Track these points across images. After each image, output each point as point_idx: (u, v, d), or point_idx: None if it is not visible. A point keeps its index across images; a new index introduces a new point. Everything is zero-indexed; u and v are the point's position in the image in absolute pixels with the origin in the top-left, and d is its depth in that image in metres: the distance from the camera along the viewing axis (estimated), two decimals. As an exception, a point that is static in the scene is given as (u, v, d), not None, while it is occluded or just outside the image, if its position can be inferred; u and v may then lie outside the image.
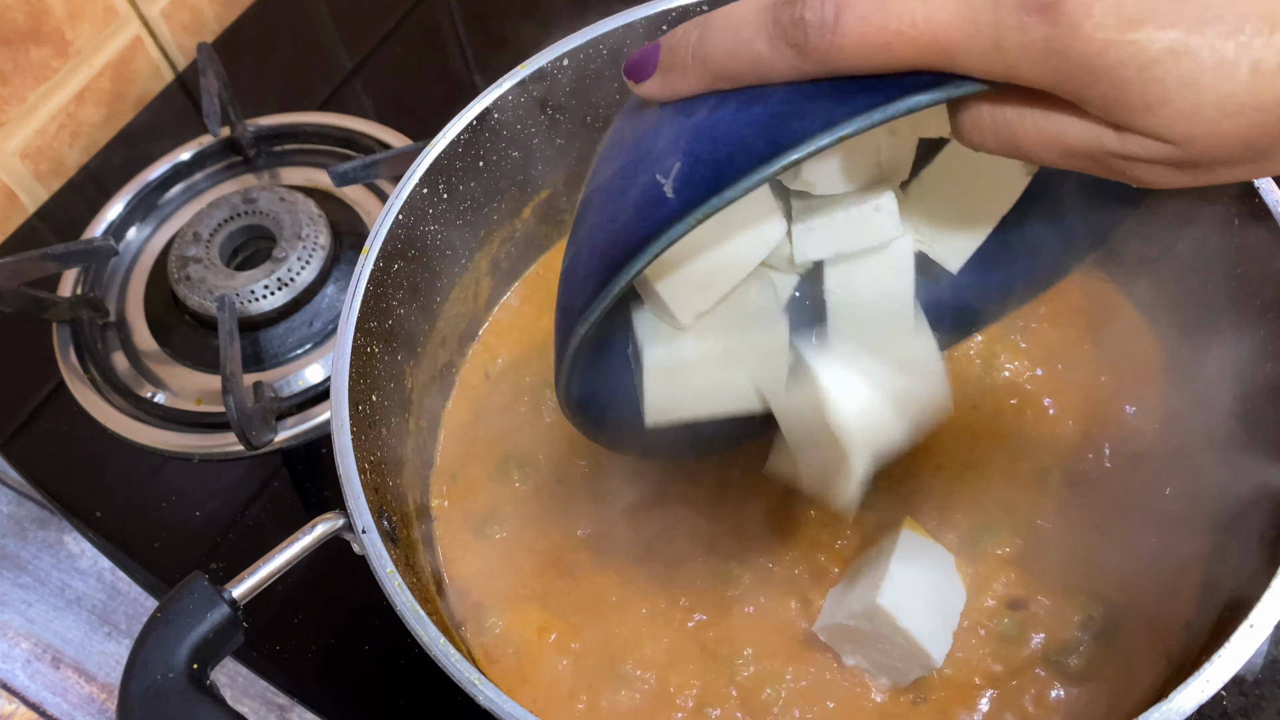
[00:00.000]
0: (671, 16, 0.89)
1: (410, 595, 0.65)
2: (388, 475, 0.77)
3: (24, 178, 1.20)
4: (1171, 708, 0.58)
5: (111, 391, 1.02)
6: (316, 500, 0.97)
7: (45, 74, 1.18)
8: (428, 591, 0.74)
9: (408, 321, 0.85)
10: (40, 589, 0.99)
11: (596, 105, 0.93)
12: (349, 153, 1.18)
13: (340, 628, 0.88)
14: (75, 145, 1.25)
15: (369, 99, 1.26)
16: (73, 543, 1.01)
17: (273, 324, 1.03)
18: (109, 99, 1.27)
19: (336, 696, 0.86)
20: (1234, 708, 0.78)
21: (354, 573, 0.69)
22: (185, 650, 0.61)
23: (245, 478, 0.97)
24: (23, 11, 1.14)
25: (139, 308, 1.09)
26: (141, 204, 1.17)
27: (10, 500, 1.05)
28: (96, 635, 0.96)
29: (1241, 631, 0.59)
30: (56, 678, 0.94)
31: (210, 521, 0.95)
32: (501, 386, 0.92)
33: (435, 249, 0.87)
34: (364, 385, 0.75)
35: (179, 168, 1.19)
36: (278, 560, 0.65)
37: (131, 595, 0.97)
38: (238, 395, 0.89)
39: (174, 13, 1.31)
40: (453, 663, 0.62)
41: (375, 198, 1.13)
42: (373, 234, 0.79)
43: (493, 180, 0.90)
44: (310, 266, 1.03)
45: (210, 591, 0.63)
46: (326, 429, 0.97)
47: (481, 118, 0.86)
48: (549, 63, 0.88)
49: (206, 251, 1.04)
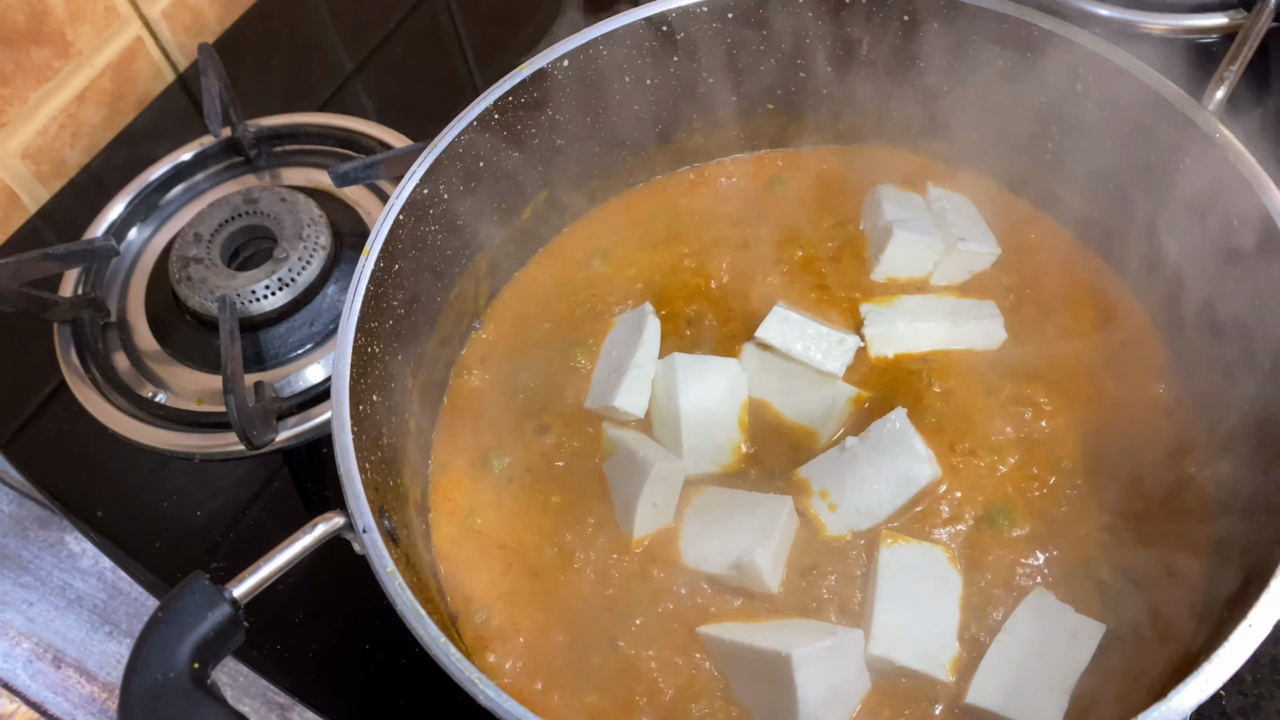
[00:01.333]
0: (671, 16, 0.90)
1: (410, 595, 0.65)
2: (388, 475, 0.77)
3: (25, 178, 1.21)
4: (1171, 707, 0.58)
5: (113, 391, 1.02)
6: (317, 500, 0.97)
7: (46, 74, 1.19)
8: (428, 591, 0.74)
9: (408, 321, 0.85)
10: (41, 588, 0.99)
11: (596, 106, 0.93)
12: (350, 153, 1.18)
13: (340, 627, 0.88)
14: (76, 145, 1.25)
15: (369, 99, 1.26)
16: (74, 542, 1.01)
17: (273, 324, 1.03)
18: (110, 99, 1.27)
19: (337, 695, 0.86)
20: (1234, 707, 0.78)
21: (354, 572, 0.69)
22: (186, 650, 0.61)
23: (246, 477, 0.98)
24: (24, 12, 1.14)
25: (140, 308, 1.09)
26: (142, 204, 1.17)
27: (11, 500, 1.05)
28: (98, 635, 0.96)
29: (1241, 631, 0.59)
30: (58, 677, 0.94)
31: (211, 521, 0.95)
32: (501, 386, 0.92)
33: (435, 249, 0.87)
34: (364, 385, 0.75)
35: (180, 168, 1.19)
36: (279, 560, 0.66)
37: (132, 595, 0.97)
38: (239, 395, 0.89)
39: (175, 13, 1.31)
40: (453, 662, 0.62)
41: (376, 198, 1.14)
42: (373, 234, 0.79)
43: (493, 180, 0.90)
44: (311, 267, 1.03)
45: (211, 591, 0.63)
46: (327, 429, 0.97)
47: (481, 118, 0.86)
48: (549, 63, 0.88)
49: (207, 252, 1.04)
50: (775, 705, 0.70)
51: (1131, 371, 0.85)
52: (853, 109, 0.98)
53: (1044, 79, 0.86)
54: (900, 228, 0.89)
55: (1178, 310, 0.84)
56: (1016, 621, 0.73)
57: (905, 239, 0.89)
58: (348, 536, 0.68)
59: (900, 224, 0.89)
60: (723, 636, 0.73)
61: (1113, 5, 1.15)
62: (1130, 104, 0.81)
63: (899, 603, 0.73)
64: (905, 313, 0.88)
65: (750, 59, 0.94)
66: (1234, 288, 0.77)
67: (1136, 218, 0.85)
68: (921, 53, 0.91)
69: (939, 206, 0.93)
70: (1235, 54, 0.85)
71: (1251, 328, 0.75)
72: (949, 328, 0.87)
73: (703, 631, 0.75)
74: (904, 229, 0.89)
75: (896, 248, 0.89)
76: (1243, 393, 0.76)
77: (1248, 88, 1.07)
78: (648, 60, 0.92)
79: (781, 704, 0.69)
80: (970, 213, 0.94)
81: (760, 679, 0.71)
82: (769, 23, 0.92)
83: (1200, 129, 0.76)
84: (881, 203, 0.92)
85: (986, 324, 0.87)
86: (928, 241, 0.89)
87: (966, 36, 0.87)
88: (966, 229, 0.91)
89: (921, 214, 0.92)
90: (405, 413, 0.84)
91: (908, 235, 0.89)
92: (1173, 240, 0.82)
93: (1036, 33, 0.84)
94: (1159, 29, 1.13)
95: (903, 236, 0.89)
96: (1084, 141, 0.87)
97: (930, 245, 0.90)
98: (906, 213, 0.91)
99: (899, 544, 0.76)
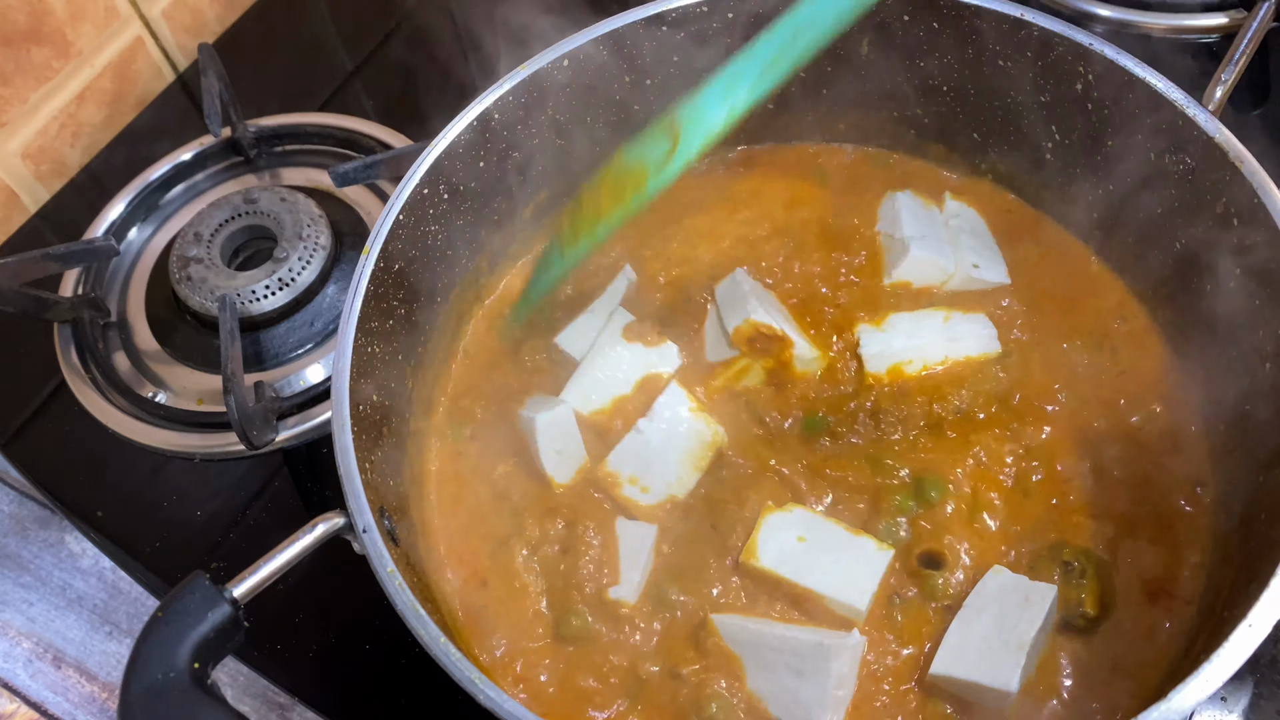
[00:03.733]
0: (671, 16, 0.90)
1: (410, 595, 0.65)
2: (388, 474, 0.77)
3: (25, 178, 1.21)
4: (1171, 707, 0.58)
5: (113, 391, 1.02)
6: (317, 500, 0.97)
7: (47, 74, 1.19)
8: (428, 591, 0.74)
9: (408, 321, 0.85)
10: (42, 588, 0.99)
11: (596, 105, 0.93)
12: (350, 153, 1.18)
13: (340, 627, 0.88)
14: (76, 145, 1.25)
15: (369, 100, 1.26)
16: (74, 542, 1.01)
17: (274, 324, 1.03)
18: (110, 99, 1.27)
19: (337, 695, 0.86)
20: (1234, 707, 0.78)
21: (354, 572, 0.69)
22: (186, 649, 0.61)
23: (246, 477, 0.98)
24: (24, 12, 1.14)
25: (140, 308, 1.09)
26: (143, 204, 1.17)
27: (12, 500, 1.05)
28: (98, 634, 0.96)
29: (1240, 631, 0.59)
30: (58, 677, 0.94)
31: (211, 521, 0.95)
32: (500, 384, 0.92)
33: (435, 249, 0.87)
34: (365, 385, 0.75)
35: (180, 168, 1.19)
36: (279, 559, 0.66)
37: (133, 595, 0.97)
38: (239, 395, 0.89)
39: (175, 13, 1.31)
40: (453, 662, 0.62)
41: (376, 198, 1.14)
42: (373, 234, 0.79)
43: (493, 180, 0.90)
44: (311, 267, 1.03)
45: (211, 591, 0.63)
46: (327, 429, 0.97)
47: (481, 118, 0.86)
48: (549, 63, 0.88)
49: (208, 252, 1.04)
50: (800, 692, 0.72)
51: (1133, 376, 0.85)
52: (853, 109, 0.98)
53: (1043, 79, 0.86)
54: (917, 245, 0.90)
55: (1178, 312, 0.84)
56: (975, 597, 0.75)
57: (920, 257, 0.90)
58: (347, 536, 0.68)
59: (917, 241, 0.90)
60: (747, 625, 0.75)
61: (1113, 5, 1.15)
62: (1131, 104, 0.81)
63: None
64: (900, 332, 0.88)
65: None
66: (1234, 287, 0.77)
67: (1137, 219, 0.85)
68: (920, 51, 0.91)
69: (955, 224, 0.94)
70: (1235, 54, 0.85)
71: (1250, 328, 0.75)
72: (944, 341, 0.87)
73: (718, 619, 0.76)
74: (920, 247, 0.90)
75: (911, 264, 0.91)
76: (1243, 393, 0.76)
77: (1248, 88, 1.07)
78: (648, 60, 0.92)
79: (808, 691, 0.72)
80: (983, 234, 0.94)
81: (784, 668, 0.73)
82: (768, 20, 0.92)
83: (1200, 129, 0.76)
84: (900, 213, 0.93)
85: (980, 333, 0.88)
86: (941, 264, 0.91)
87: (967, 36, 0.88)
88: (980, 253, 0.92)
89: (938, 230, 0.93)
90: (406, 412, 0.84)
91: (923, 254, 0.90)
92: (1173, 240, 0.82)
93: (1036, 32, 0.84)
94: (1159, 29, 1.13)
95: (918, 254, 0.90)
96: (1083, 141, 0.87)
97: (943, 267, 0.91)
98: (924, 228, 0.92)
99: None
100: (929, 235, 0.92)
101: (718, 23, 0.91)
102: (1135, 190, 0.85)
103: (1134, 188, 0.85)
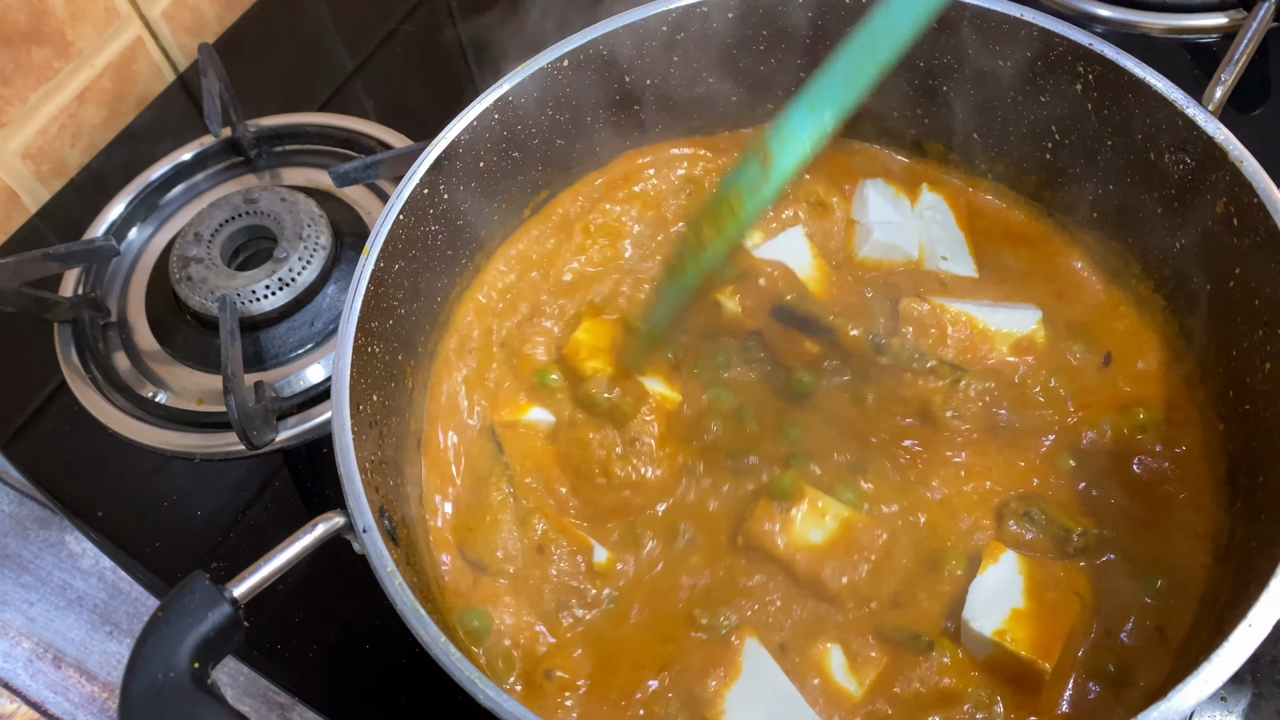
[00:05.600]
0: (671, 17, 0.90)
1: (410, 595, 0.65)
2: (388, 474, 0.77)
3: (25, 178, 1.21)
4: (1171, 707, 0.58)
5: (113, 391, 1.03)
6: (317, 499, 0.97)
7: (47, 74, 1.19)
8: (428, 591, 0.74)
9: (408, 321, 0.85)
10: (42, 588, 0.99)
11: (596, 105, 0.93)
12: (350, 153, 1.18)
13: (340, 627, 0.88)
14: (76, 146, 1.25)
15: (370, 100, 1.26)
16: (74, 542, 1.01)
17: (274, 324, 1.03)
18: (110, 99, 1.27)
19: (337, 695, 0.86)
20: (1234, 707, 0.78)
21: (354, 572, 0.69)
22: (186, 649, 0.61)
23: (246, 477, 0.98)
24: (24, 12, 1.14)
25: (140, 308, 1.09)
26: (143, 204, 1.17)
27: (12, 500, 1.05)
28: (98, 634, 0.96)
29: (1240, 631, 0.59)
30: (58, 677, 0.94)
31: (211, 521, 0.95)
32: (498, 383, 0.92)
33: (435, 249, 0.87)
34: (365, 385, 0.76)
35: (180, 168, 1.19)
36: (279, 559, 0.66)
37: (133, 594, 0.97)
38: (239, 395, 0.89)
39: (175, 13, 1.31)
40: (453, 662, 0.62)
41: (376, 198, 1.14)
42: (374, 234, 0.79)
43: (492, 180, 0.90)
44: (311, 267, 1.03)
45: (211, 591, 0.63)
46: (327, 428, 0.97)
47: (481, 118, 0.86)
48: (549, 63, 0.88)
49: (208, 252, 1.04)
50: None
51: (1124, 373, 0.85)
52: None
53: (1043, 79, 0.86)
54: (880, 230, 0.93)
55: (1177, 308, 0.84)
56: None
57: (882, 241, 0.93)
58: (347, 536, 0.68)
59: (880, 226, 0.94)
60: (770, 663, 0.74)
61: (1113, 5, 1.15)
62: (1131, 104, 0.81)
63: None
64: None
65: (750, 59, 0.94)
66: (1234, 287, 0.77)
67: (1136, 216, 0.85)
68: (920, 51, 0.91)
69: (929, 215, 0.96)
70: (1235, 54, 0.85)
71: (1251, 328, 0.75)
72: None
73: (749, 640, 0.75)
74: (883, 232, 0.93)
75: (873, 248, 0.94)
76: (1242, 393, 0.76)
77: (1248, 88, 1.07)
78: (646, 60, 0.92)
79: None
80: (952, 228, 0.95)
81: (767, 705, 0.72)
82: (767, 22, 0.92)
83: (1200, 129, 0.76)
84: (868, 200, 0.95)
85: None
86: (904, 249, 0.93)
87: (967, 36, 0.88)
88: (950, 246, 0.94)
89: (906, 218, 0.95)
90: (406, 412, 0.84)
91: (885, 239, 0.93)
92: (1172, 240, 0.82)
93: (1036, 32, 0.84)
94: (1159, 29, 1.13)
95: (880, 239, 0.93)
96: (1083, 142, 0.87)
97: (906, 252, 0.93)
98: (889, 215, 0.95)
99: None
100: (893, 221, 0.94)
101: (717, 22, 0.91)
102: (1135, 190, 0.85)
103: (1134, 188, 0.85)
